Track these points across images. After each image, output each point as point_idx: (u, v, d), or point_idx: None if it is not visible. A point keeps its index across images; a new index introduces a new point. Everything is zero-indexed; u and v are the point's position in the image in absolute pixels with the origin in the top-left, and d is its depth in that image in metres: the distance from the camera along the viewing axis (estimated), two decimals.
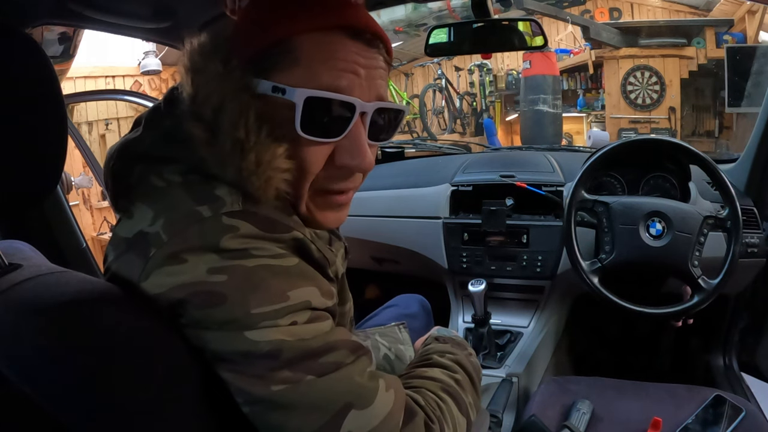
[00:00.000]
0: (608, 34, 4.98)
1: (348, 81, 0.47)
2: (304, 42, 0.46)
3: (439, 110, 5.91)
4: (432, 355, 0.60)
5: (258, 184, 0.44)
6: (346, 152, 0.48)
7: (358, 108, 0.47)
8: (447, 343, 0.64)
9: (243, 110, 0.44)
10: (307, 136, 0.46)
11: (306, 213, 0.50)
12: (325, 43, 0.46)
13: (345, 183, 0.51)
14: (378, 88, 0.49)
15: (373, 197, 1.46)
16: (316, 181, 0.49)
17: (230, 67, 0.45)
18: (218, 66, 0.45)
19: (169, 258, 0.41)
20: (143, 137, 0.49)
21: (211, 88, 0.44)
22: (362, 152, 0.48)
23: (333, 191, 0.51)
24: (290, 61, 0.46)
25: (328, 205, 0.51)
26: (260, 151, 0.44)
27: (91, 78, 3.42)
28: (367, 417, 0.44)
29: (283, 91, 0.45)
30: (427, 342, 0.66)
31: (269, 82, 0.46)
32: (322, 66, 0.46)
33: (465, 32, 1.08)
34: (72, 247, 1.12)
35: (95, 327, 0.40)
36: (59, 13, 0.76)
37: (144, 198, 0.45)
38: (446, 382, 0.55)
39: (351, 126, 0.47)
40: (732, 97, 4.11)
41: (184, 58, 0.46)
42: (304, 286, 0.44)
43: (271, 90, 0.45)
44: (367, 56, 0.48)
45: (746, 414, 0.86)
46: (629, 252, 1.02)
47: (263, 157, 0.44)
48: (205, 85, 0.45)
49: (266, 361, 0.41)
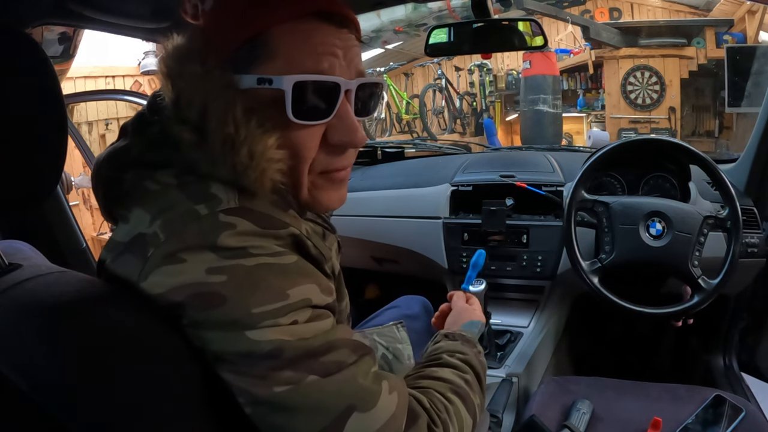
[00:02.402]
0: (608, 34, 4.99)
1: (329, 63, 0.48)
2: (280, 33, 0.46)
3: (439, 110, 5.91)
4: (442, 354, 0.60)
5: (254, 177, 0.44)
6: (338, 130, 0.50)
7: (342, 86, 0.48)
8: (457, 340, 0.64)
9: (228, 107, 0.44)
10: (299, 120, 0.47)
11: (309, 198, 0.51)
12: (300, 30, 0.47)
13: (341, 160, 0.52)
14: (357, 65, 0.50)
15: (373, 197, 1.45)
16: (315, 164, 0.50)
17: (208, 67, 0.45)
18: (196, 68, 0.45)
19: (167, 258, 0.41)
20: (132, 145, 0.49)
21: (193, 89, 0.45)
22: (353, 127, 0.50)
23: (332, 170, 0.52)
24: (268, 53, 0.46)
25: (330, 184, 0.53)
26: (252, 144, 0.44)
27: (91, 78, 3.41)
28: (369, 419, 0.44)
29: (270, 81, 0.46)
30: (436, 339, 0.66)
31: (252, 75, 0.46)
32: (302, 52, 0.47)
33: (465, 32, 1.08)
34: (72, 247, 1.13)
35: (95, 327, 0.40)
36: (59, 13, 0.76)
37: (140, 202, 0.45)
38: (456, 383, 0.55)
39: (338, 105, 0.49)
40: (732, 97, 4.12)
41: (160, 64, 0.47)
42: (303, 284, 0.44)
43: (256, 83, 0.46)
44: (342, 37, 0.49)
45: (746, 414, 0.86)
46: (629, 252, 1.02)
47: (256, 149, 0.44)
48: (186, 88, 0.45)
49: (268, 361, 0.41)
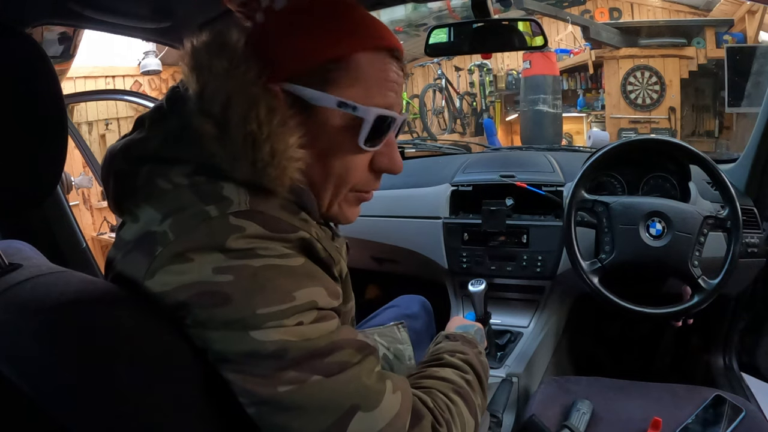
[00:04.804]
0: (608, 34, 4.98)
1: (393, 98, 0.52)
2: (362, 61, 0.49)
3: (439, 110, 5.90)
4: (443, 355, 0.60)
5: (274, 175, 0.45)
6: (384, 158, 0.54)
7: (398, 120, 0.53)
8: (458, 341, 0.65)
9: (252, 103, 0.44)
10: (367, 148, 0.51)
11: (336, 211, 0.55)
12: (378, 63, 0.50)
13: (376, 183, 0.57)
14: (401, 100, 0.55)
15: (373, 197, 1.45)
16: (356, 184, 0.54)
17: (236, 63, 0.45)
18: (224, 63, 0.45)
19: (175, 257, 0.41)
20: (148, 138, 0.49)
21: (218, 83, 0.45)
22: (397, 157, 0.55)
23: (365, 190, 0.57)
24: (349, 78, 0.49)
25: (357, 203, 0.57)
26: (275, 142, 0.45)
27: (91, 78, 3.42)
28: (373, 419, 0.44)
29: (354, 108, 0.48)
30: (438, 340, 0.66)
31: (332, 96, 0.48)
32: (378, 85, 0.50)
33: (465, 32, 1.08)
34: (72, 247, 1.13)
35: (95, 327, 0.40)
36: (59, 13, 0.76)
37: (150, 200, 0.45)
38: (457, 383, 0.56)
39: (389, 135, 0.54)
40: (732, 97, 4.11)
41: (187, 57, 0.46)
42: (310, 286, 0.44)
43: (335, 104, 0.48)
44: (401, 74, 0.53)
45: (746, 414, 0.86)
46: (629, 252, 1.02)
47: (278, 147, 0.45)
48: (211, 82, 0.45)
49: (272, 362, 0.41)
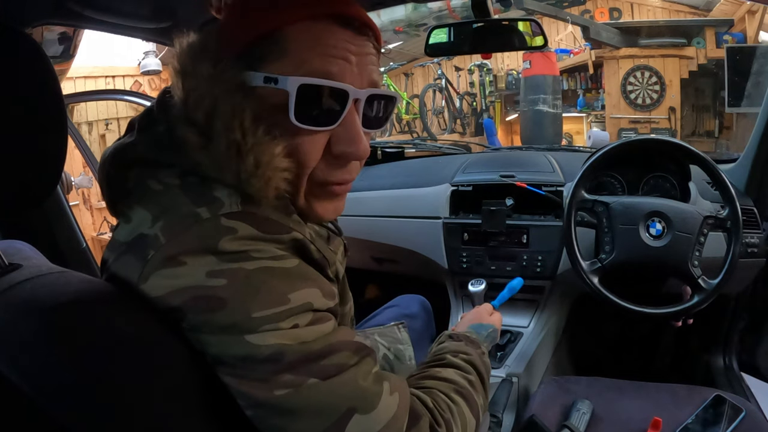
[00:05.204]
0: (608, 34, 4.98)
1: (339, 67, 0.46)
2: (293, 32, 0.45)
3: (439, 110, 5.90)
4: (446, 355, 0.60)
5: (258, 186, 0.44)
6: (341, 140, 0.48)
7: (351, 94, 0.46)
8: (461, 341, 0.64)
9: (237, 112, 0.44)
10: (301, 125, 0.45)
11: (304, 206, 0.50)
12: (314, 30, 0.46)
13: (343, 174, 0.50)
14: (370, 74, 0.48)
15: (373, 197, 1.45)
16: (315, 174, 0.49)
17: (220, 68, 0.45)
18: (208, 67, 0.45)
19: (167, 260, 0.41)
20: (137, 142, 0.48)
21: (202, 91, 0.44)
22: (358, 139, 0.48)
23: (331, 182, 0.50)
24: (279, 51, 0.45)
25: (327, 196, 0.51)
26: (258, 152, 0.44)
27: (91, 78, 3.42)
28: (370, 421, 0.43)
29: (276, 81, 0.44)
30: (441, 340, 0.66)
31: (260, 73, 0.45)
32: (312, 52, 0.45)
33: (465, 32, 1.08)
34: (72, 247, 1.13)
35: (95, 327, 0.40)
36: (59, 13, 0.76)
37: (142, 202, 0.45)
38: (459, 383, 0.55)
39: (345, 113, 0.47)
40: (732, 97, 4.11)
41: (173, 61, 0.46)
42: (305, 288, 0.44)
43: (262, 81, 0.45)
44: (358, 43, 0.47)
45: (746, 414, 0.86)
46: (629, 252, 1.02)
47: (262, 158, 0.44)
48: (195, 89, 0.44)
49: (268, 365, 0.41)
